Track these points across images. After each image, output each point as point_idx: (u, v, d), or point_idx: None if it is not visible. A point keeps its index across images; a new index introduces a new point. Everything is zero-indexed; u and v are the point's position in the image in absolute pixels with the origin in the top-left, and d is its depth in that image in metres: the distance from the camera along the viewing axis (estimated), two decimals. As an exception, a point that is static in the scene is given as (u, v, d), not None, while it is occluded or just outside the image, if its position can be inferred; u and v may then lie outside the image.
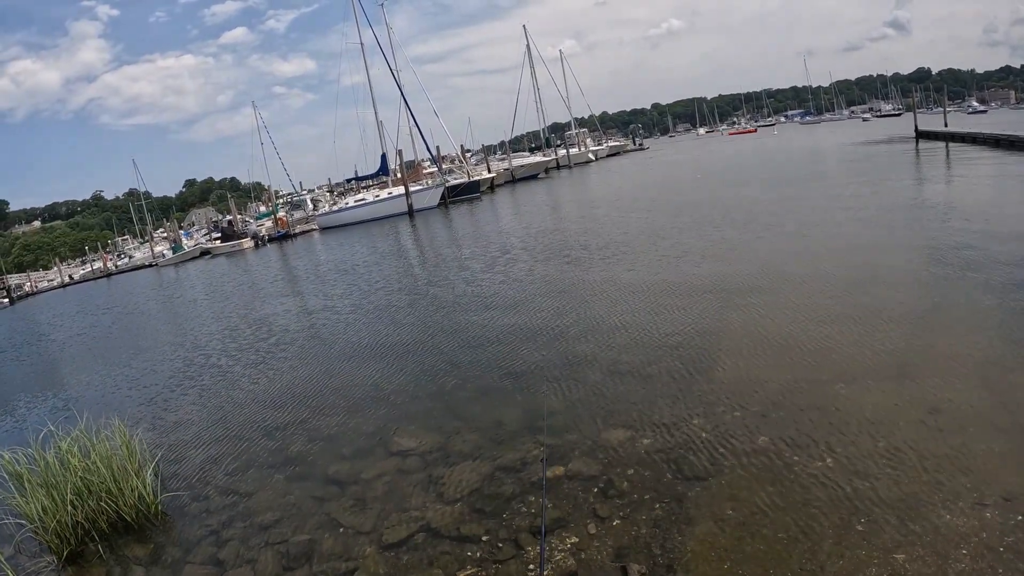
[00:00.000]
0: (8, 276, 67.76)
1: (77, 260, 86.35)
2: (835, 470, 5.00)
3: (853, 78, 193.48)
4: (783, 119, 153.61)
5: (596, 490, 5.46)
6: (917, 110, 49.96)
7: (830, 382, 6.54)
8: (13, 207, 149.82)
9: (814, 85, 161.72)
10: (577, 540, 4.85)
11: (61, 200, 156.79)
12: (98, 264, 69.73)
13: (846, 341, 7.55)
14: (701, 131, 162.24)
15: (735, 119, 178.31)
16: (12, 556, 6.38)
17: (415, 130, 60.70)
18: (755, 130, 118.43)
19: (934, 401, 5.85)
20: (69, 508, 6.41)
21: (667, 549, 4.52)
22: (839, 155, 38.97)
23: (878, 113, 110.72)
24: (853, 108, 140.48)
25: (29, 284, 65.28)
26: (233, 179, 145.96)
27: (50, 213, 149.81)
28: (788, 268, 11.33)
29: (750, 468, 5.28)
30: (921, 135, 40.04)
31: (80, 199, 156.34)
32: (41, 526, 6.35)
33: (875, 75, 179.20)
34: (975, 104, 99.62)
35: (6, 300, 56.25)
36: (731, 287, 10.75)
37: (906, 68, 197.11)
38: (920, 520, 4.27)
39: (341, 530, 5.75)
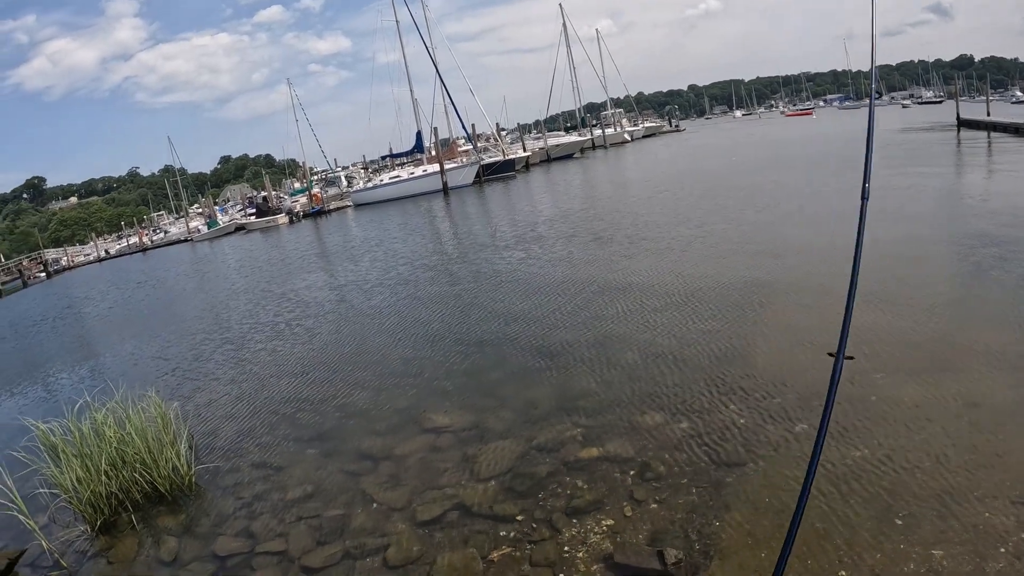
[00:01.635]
0: (45, 251, 68.94)
1: (113, 235, 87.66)
2: (873, 461, 4.86)
3: (894, 63, 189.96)
4: (822, 103, 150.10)
5: (632, 472, 5.38)
6: (959, 98, 48.83)
7: (868, 371, 6.36)
8: (50, 183, 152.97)
9: (854, 69, 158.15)
10: (613, 523, 4.78)
11: (98, 176, 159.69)
12: (134, 239, 70.84)
13: (884, 331, 7.35)
14: (738, 113, 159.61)
15: (772, 102, 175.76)
16: (46, 525, 6.45)
17: (450, 108, 60.52)
18: (811, 112, 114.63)
19: (973, 395, 5.66)
20: (103, 478, 6.46)
21: (704, 535, 4.44)
22: (879, 141, 38.23)
23: (919, 100, 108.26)
24: (893, 94, 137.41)
25: (66, 259, 66.37)
26: (268, 156, 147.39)
27: (87, 189, 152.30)
28: (823, 254, 11.09)
29: (787, 456, 5.16)
30: (963, 123, 39.11)
31: (116, 175, 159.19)
32: (75, 496, 6.39)
33: (916, 61, 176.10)
34: (1019, 94, 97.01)
35: (43, 274, 57.35)
36: (766, 272, 10.56)
37: (948, 55, 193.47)
38: (958, 516, 4.14)
39: (374, 506, 5.73)
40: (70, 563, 5.87)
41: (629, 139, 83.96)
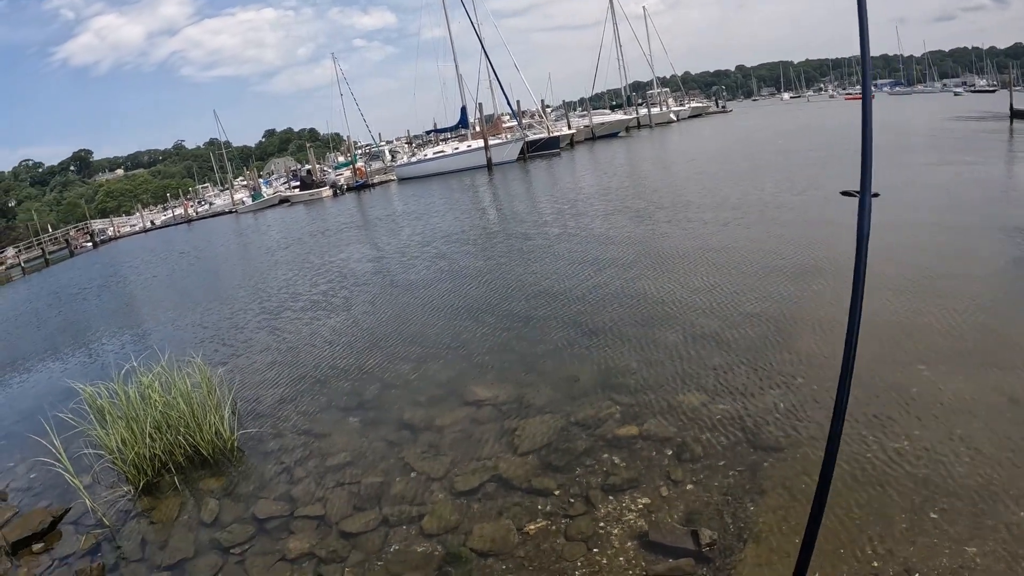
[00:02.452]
0: (92, 221, 70.27)
1: (159, 206, 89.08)
2: (911, 454, 4.77)
3: (946, 49, 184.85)
4: (871, 88, 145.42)
5: (670, 452, 5.37)
6: (1013, 87, 47.29)
7: (911, 362, 6.24)
8: (97, 156, 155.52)
9: (905, 54, 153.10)
10: (649, 501, 4.79)
11: (143, 149, 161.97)
12: (179, 210, 71.86)
13: (929, 321, 7.17)
14: (785, 96, 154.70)
15: (822, 85, 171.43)
16: (90, 485, 6.61)
17: (495, 84, 60.22)
18: (872, 96, 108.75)
19: (1015, 392, 5.50)
20: (148, 440, 6.64)
21: (739, 518, 4.43)
22: (928, 129, 37.26)
23: (971, 88, 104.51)
24: (945, 81, 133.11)
25: (112, 229, 67.53)
26: (312, 130, 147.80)
27: (133, 161, 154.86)
28: (872, 242, 10.87)
29: (826, 443, 5.11)
30: (1016, 114, 37.92)
31: (162, 148, 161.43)
32: (120, 457, 6.58)
33: (970, 47, 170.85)
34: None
35: (89, 244, 58.52)
36: (812, 256, 10.38)
37: (1003, 42, 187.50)
38: (993, 515, 4.06)
39: (413, 475, 5.81)
40: (112, 522, 6.04)
41: (675, 119, 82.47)
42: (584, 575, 4.23)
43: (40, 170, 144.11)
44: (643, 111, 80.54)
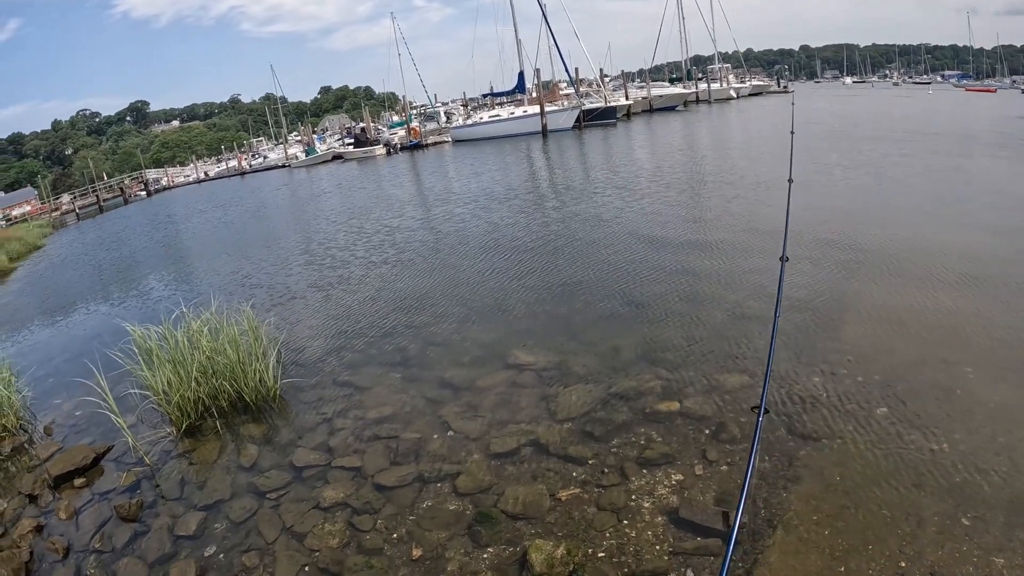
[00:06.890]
0: (147, 171, 71.64)
1: (213, 158, 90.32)
2: (950, 457, 4.66)
3: (1018, 44, 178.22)
4: (939, 79, 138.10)
5: (707, 432, 5.34)
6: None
7: (959, 364, 6.03)
8: (154, 107, 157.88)
9: (976, 46, 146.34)
10: (683, 478, 4.78)
11: (200, 102, 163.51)
12: (233, 163, 73.00)
13: (982, 324, 6.88)
14: (848, 80, 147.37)
15: (887, 72, 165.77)
16: (133, 425, 6.81)
17: (554, 50, 59.76)
18: (995, 90, 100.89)
19: (1063, 405, 5.36)
20: (193, 384, 6.82)
21: (771, 504, 4.39)
22: (992, 124, 35.82)
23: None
24: (1015, 77, 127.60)
25: (166, 179, 68.87)
26: (367, 88, 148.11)
27: (189, 114, 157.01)
28: (930, 237, 10.56)
29: (864, 438, 5.00)
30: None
31: (218, 101, 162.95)
32: (165, 399, 6.77)
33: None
34: None
35: (143, 193, 59.76)
36: (866, 249, 10.11)
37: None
38: None
39: (450, 433, 5.89)
40: (154, 461, 6.23)
41: (734, 96, 79.94)
42: (612, 546, 4.25)
43: (97, 120, 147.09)
44: (703, 86, 78.63)
